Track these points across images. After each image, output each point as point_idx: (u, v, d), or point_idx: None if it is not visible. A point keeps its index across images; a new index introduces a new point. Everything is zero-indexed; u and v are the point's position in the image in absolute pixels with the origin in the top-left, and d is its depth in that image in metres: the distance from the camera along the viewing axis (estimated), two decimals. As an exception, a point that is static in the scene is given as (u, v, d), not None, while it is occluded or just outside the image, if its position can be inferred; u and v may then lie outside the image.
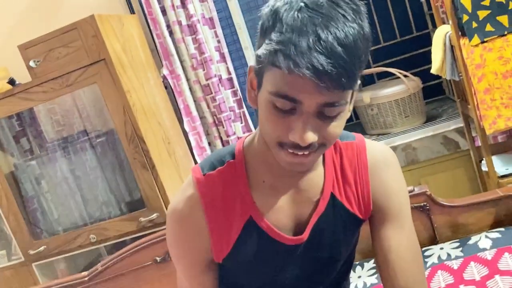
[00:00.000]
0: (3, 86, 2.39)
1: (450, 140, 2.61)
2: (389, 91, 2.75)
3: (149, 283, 1.54)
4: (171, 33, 2.44)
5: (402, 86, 2.73)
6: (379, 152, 0.90)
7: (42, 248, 2.29)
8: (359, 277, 1.39)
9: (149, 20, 2.43)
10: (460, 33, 2.04)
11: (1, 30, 2.57)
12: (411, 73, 2.82)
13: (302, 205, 0.87)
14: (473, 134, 2.48)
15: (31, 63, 2.16)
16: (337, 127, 0.75)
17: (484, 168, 2.31)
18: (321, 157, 0.87)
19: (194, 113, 2.51)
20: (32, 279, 2.32)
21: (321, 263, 0.91)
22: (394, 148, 2.67)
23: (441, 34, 2.21)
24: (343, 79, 0.67)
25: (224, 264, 0.90)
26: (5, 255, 2.45)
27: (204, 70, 2.44)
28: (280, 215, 0.86)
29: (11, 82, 2.28)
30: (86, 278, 1.66)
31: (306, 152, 0.74)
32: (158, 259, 1.51)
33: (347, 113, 0.77)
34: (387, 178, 0.89)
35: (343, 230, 0.89)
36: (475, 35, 2.00)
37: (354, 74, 0.69)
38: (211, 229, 0.86)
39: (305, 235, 0.87)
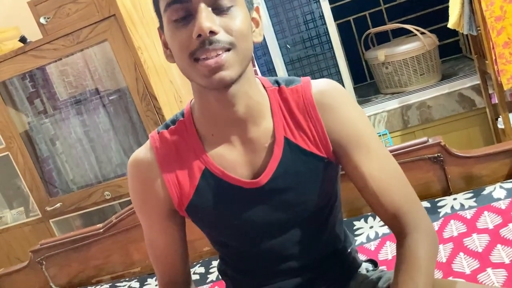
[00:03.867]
0: (15, 45, 2.39)
1: (466, 97, 2.56)
2: (405, 48, 2.69)
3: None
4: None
5: (418, 43, 2.67)
6: (324, 88, 0.89)
7: (58, 205, 2.33)
8: (371, 227, 1.39)
9: (159, -24, 2.38)
10: (479, -16, 1.98)
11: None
12: (428, 31, 2.75)
13: (256, 153, 0.88)
14: (490, 92, 2.43)
15: (42, 20, 2.14)
16: (237, 21, 0.77)
17: (500, 125, 2.27)
18: (267, 102, 0.88)
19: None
20: (49, 235, 2.37)
21: (289, 205, 0.90)
22: (408, 107, 2.64)
23: (460, -13, 2.14)
24: None
25: (188, 213, 0.92)
26: (23, 212, 2.51)
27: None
28: (236, 165, 0.88)
29: (22, 40, 2.27)
30: (101, 230, 1.69)
31: (216, 49, 0.75)
32: (171, 210, 1.53)
33: (247, 16, 0.80)
34: (337, 111, 0.87)
35: (307, 171, 0.88)
36: (495, -15, 1.93)
37: None
38: (166, 179, 0.90)
39: (263, 178, 0.87)
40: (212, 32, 0.74)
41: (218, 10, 0.76)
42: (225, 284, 1.06)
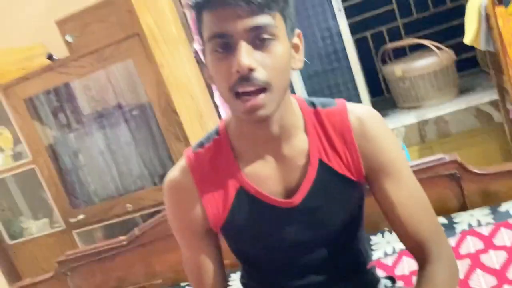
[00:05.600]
0: (42, 62, 2.48)
1: (484, 112, 2.57)
2: (421, 63, 2.71)
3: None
4: (202, 8, 2.46)
5: (435, 58, 2.69)
6: (361, 113, 0.92)
7: (81, 216, 2.40)
8: (388, 242, 1.41)
9: (180, -5, 2.45)
10: (496, 1, 2.00)
11: (38, 6, 2.64)
12: (444, 46, 2.77)
13: (289, 172, 0.91)
14: (508, 107, 2.43)
15: (68, 38, 2.23)
16: (275, 57, 0.80)
17: (518, 140, 2.28)
18: (301, 123, 0.92)
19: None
20: (72, 246, 2.44)
21: (319, 225, 0.93)
22: (425, 122, 2.65)
23: (476, 3, 2.16)
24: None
25: (224, 233, 0.96)
26: (48, 223, 2.58)
27: (235, 43, 2.46)
28: (269, 182, 0.91)
29: (50, 57, 2.36)
30: (124, 242, 1.74)
31: (252, 88, 0.79)
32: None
33: (287, 48, 0.83)
34: (372, 136, 0.91)
35: (337, 193, 0.92)
36: (512, 2, 1.95)
37: None
38: (203, 199, 0.93)
39: (297, 199, 0.91)
40: (251, 69, 0.78)
41: (258, 45, 0.79)
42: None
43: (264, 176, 0.91)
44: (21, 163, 2.47)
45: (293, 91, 2.87)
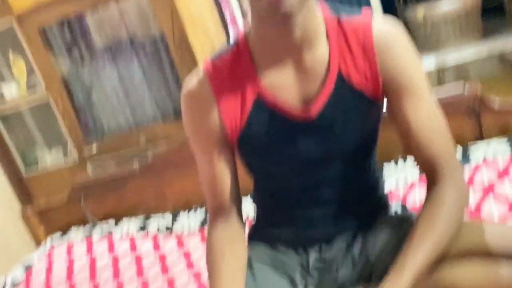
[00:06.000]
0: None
1: (507, 60, 2.49)
2: (444, 7, 2.61)
3: (195, 173, 1.61)
4: None
5: (459, 2, 2.59)
6: (386, 28, 0.89)
7: (94, 148, 2.43)
8: (401, 171, 1.41)
9: None
10: None
11: None
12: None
13: (308, 83, 0.89)
14: (532, 53, 2.36)
15: (83, -34, 2.17)
16: None
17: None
18: (323, 32, 0.88)
19: (241, 24, 2.49)
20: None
21: (334, 139, 0.92)
22: (445, 68, 2.58)
23: None
24: None
25: (240, 145, 0.94)
26: (62, 153, 2.61)
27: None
28: (287, 93, 0.89)
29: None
30: (136, 170, 1.76)
31: None
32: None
33: None
34: (395, 54, 0.88)
35: (354, 108, 0.90)
36: None
37: None
38: (221, 108, 0.91)
39: (314, 112, 0.89)
40: None
41: None
42: (256, 212, 1.10)
43: (283, 86, 0.90)
44: (35, 93, 2.48)
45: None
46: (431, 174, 0.90)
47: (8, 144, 2.60)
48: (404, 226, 0.96)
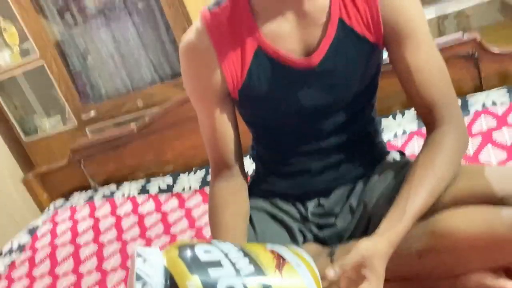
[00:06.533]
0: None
1: (508, 5, 2.43)
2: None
3: (194, 133, 1.60)
4: None
5: None
6: None
7: (92, 113, 2.42)
8: (399, 124, 1.40)
9: None
10: None
11: None
12: None
13: (309, 30, 0.88)
14: (535, -2, 2.30)
15: None
16: None
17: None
18: None
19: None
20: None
21: (337, 88, 0.91)
22: (445, 16, 2.53)
23: None
24: None
25: (241, 97, 0.93)
26: (60, 120, 2.61)
27: None
28: (288, 41, 0.88)
29: None
30: (134, 130, 1.75)
31: None
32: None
33: None
34: None
35: (356, 54, 0.89)
36: None
37: None
38: (221, 60, 0.89)
39: (316, 59, 0.88)
40: None
41: None
42: (255, 168, 1.10)
43: (283, 35, 0.88)
44: (29, 59, 2.45)
45: None
46: (430, 118, 0.90)
47: (6, 111, 2.59)
48: (401, 172, 0.96)
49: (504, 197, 0.81)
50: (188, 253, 0.70)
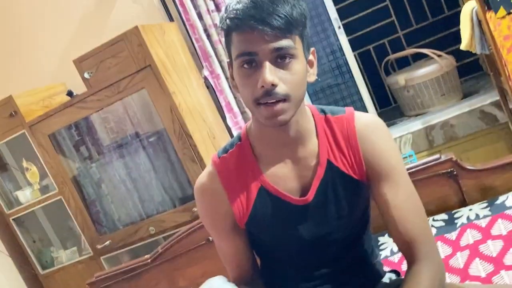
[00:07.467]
0: (63, 99, 2.65)
1: (488, 114, 2.63)
2: (423, 72, 2.81)
3: (205, 260, 1.71)
4: (208, 36, 2.60)
5: (436, 66, 2.78)
6: (366, 120, 1.04)
7: (107, 242, 2.52)
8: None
9: (187, 26, 2.60)
10: (486, 7, 2.09)
11: (57, 48, 2.83)
12: (447, 52, 2.86)
13: (303, 172, 1.03)
14: (510, 106, 2.49)
15: (86, 75, 2.39)
16: (294, 74, 0.93)
17: (523, 137, 2.33)
18: (313, 128, 1.04)
19: (235, 109, 2.66)
20: (101, 271, 2.55)
21: (330, 220, 1.04)
22: (432, 127, 2.72)
23: (468, 10, 2.25)
24: (279, 24, 0.88)
25: (247, 228, 1.07)
26: (76, 251, 2.70)
27: (241, 67, 2.58)
28: (286, 181, 1.03)
29: (70, 94, 2.53)
30: (148, 261, 1.85)
31: (274, 100, 0.91)
32: (210, 238, 1.68)
33: (303, 66, 0.95)
34: (374, 142, 1.01)
35: (343, 190, 1.03)
36: (501, 7, 2.04)
37: (289, 20, 0.89)
38: (230, 197, 1.06)
39: (310, 195, 1.02)
40: (273, 85, 0.91)
41: (279, 64, 0.92)
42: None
43: (282, 176, 1.03)
44: (48, 195, 2.62)
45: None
46: (408, 253, 1.00)
47: (23, 246, 2.70)
48: None
49: None
50: None
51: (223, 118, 2.71)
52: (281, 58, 0.91)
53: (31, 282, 2.69)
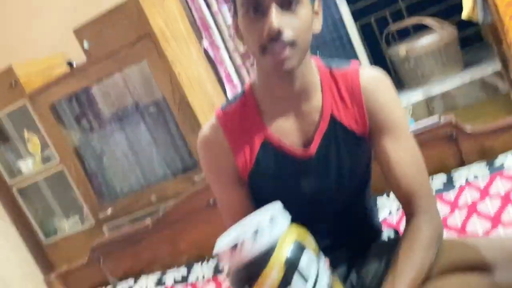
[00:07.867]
0: (63, 70, 2.64)
1: (489, 84, 2.62)
2: (424, 42, 2.78)
3: (205, 224, 1.73)
4: (208, 6, 2.58)
5: (436, 36, 2.76)
6: (370, 75, 1.04)
7: (109, 211, 2.55)
8: (393, 202, 1.50)
9: (186, -5, 2.58)
10: (488, -27, 2.06)
11: (56, 17, 2.80)
12: (449, 22, 2.82)
13: (306, 126, 1.04)
14: (512, 76, 2.48)
15: (85, 45, 2.38)
16: (300, 19, 0.92)
17: (524, 107, 2.32)
18: (318, 82, 1.04)
19: (235, 80, 2.66)
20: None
21: (332, 175, 1.05)
22: (432, 98, 2.72)
23: (470, -23, 2.23)
24: None
25: (250, 180, 1.07)
26: (78, 220, 2.73)
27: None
28: (290, 135, 1.04)
29: (70, 64, 2.52)
30: (149, 225, 1.87)
31: (281, 44, 0.91)
32: (211, 201, 1.70)
33: (309, 11, 0.94)
34: (378, 96, 1.02)
35: (345, 145, 1.03)
36: (504, -27, 2.01)
37: None
38: (233, 149, 1.06)
39: (312, 149, 1.03)
40: (280, 31, 0.90)
41: (286, 7, 0.91)
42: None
43: (285, 130, 1.04)
44: (50, 165, 2.63)
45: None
46: (408, 207, 1.02)
47: (27, 215, 2.73)
48: (394, 250, 1.05)
49: (492, 264, 0.92)
50: (297, 253, 0.86)
51: (223, 90, 2.70)
52: (288, 2, 0.90)
53: (35, 251, 2.72)
